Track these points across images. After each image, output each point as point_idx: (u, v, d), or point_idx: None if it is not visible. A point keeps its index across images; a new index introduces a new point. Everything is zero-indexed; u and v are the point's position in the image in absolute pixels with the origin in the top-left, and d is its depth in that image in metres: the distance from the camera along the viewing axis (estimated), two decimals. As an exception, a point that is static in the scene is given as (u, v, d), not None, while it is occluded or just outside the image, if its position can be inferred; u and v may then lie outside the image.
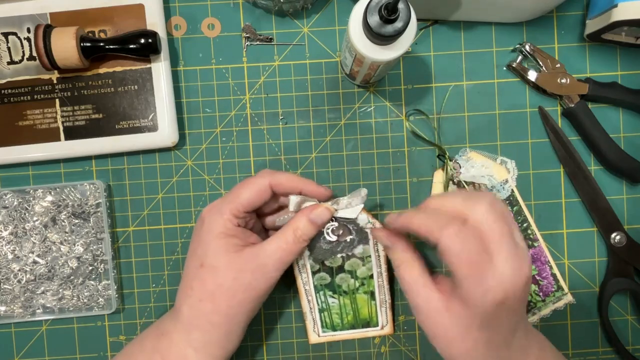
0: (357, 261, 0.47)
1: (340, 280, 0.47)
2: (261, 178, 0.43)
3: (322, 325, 0.49)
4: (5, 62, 0.48)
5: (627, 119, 0.51)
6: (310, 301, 0.48)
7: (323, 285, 0.48)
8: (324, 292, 0.48)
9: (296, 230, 0.42)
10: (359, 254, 0.47)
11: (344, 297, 0.48)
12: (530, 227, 0.50)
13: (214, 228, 0.42)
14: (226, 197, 0.43)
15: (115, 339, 0.51)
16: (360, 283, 0.48)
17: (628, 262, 0.50)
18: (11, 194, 0.50)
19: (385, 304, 0.48)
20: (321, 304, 0.48)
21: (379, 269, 0.47)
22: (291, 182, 0.43)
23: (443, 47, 0.51)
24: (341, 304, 0.48)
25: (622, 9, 0.43)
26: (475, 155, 0.50)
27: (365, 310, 0.48)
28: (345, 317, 0.49)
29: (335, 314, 0.48)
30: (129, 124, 0.49)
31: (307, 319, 0.49)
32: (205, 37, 0.50)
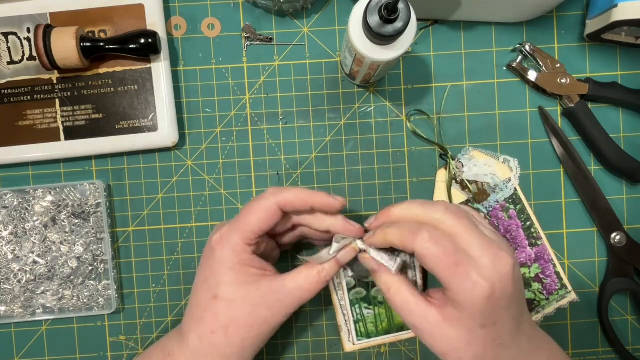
0: None
1: (376, 292, 0.48)
2: (267, 200, 0.40)
3: (357, 334, 0.49)
4: (5, 62, 0.48)
5: (627, 119, 0.51)
6: (346, 315, 0.48)
7: (359, 299, 0.48)
8: (359, 305, 0.48)
9: (321, 272, 0.41)
10: None
11: (379, 307, 0.48)
12: (533, 226, 0.50)
13: (227, 259, 0.40)
14: (235, 225, 0.40)
15: (115, 339, 0.51)
16: None
17: (628, 262, 0.50)
18: (11, 194, 0.50)
19: None
20: (357, 316, 0.49)
21: (415, 278, 0.46)
22: (299, 199, 0.40)
23: (443, 47, 0.51)
24: (376, 313, 0.49)
25: (622, 9, 0.43)
26: (478, 154, 0.50)
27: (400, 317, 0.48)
28: (380, 324, 0.49)
29: (370, 323, 0.49)
30: (129, 124, 0.49)
31: (342, 331, 0.49)
32: (205, 37, 0.50)
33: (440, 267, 0.36)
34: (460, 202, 0.50)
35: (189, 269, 0.51)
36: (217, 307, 0.40)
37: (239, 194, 0.51)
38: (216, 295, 0.40)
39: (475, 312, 0.36)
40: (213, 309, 0.40)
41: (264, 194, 0.41)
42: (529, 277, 0.50)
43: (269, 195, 0.40)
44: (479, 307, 0.36)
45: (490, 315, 0.37)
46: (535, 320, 0.50)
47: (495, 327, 0.37)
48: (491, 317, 0.37)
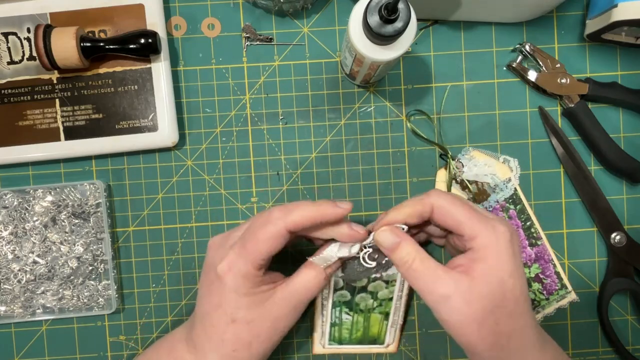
0: (382, 284, 0.46)
1: (360, 299, 0.47)
2: (275, 226, 0.39)
3: (330, 338, 0.49)
4: (5, 62, 0.48)
5: (627, 119, 0.51)
6: (325, 315, 0.48)
7: (342, 302, 0.47)
8: (340, 309, 0.48)
9: (327, 268, 0.41)
10: (386, 278, 0.46)
11: (359, 315, 0.48)
12: (533, 226, 0.50)
13: (240, 288, 0.39)
14: (242, 251, 0.39)
15: (115, 339, 0.51)
16: (378, 304, 0.47)
17: (628, 262, 0.50)
18: (11, 194, 0.50)
19: (396, 325, 0.49)
20: (334, 319, 0.48)
21: (401, 293, 0.47)
22: (307, 219, 0.39)
23: (443, 47, 0.51)
24: (354, 321, 0.48)
25: (622, 9, 0.43)
26: (478, 154, 0.50)
27: (376, 329, 0.49)
28: (354, 333, 0.49)
29: (345, 329, 0.49)
30: (129, 124, 0.49)
31: (316, 332, 0.49)
32: (205, 37, 0.50)
33: (462, 212, 0.38)
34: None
35: (189, 269, 0.51)
36: (238, 329, 0.40)
37: (239, 194, 0.51)
38: (235, 320, 0.40)
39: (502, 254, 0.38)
40: (234, 331, 0.40)
41: (271, 217, 0.39)
42: (529, 277, 0.50)
43: (277, 221, 0.39)
44: (505, 249, 0.38)
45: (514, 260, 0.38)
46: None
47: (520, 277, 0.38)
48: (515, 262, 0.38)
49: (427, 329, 0.51)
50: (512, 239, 0.38)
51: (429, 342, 0.51)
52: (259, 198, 0.51)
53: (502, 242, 0.38)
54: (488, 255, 0.38)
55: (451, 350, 0.51)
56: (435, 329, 0.51)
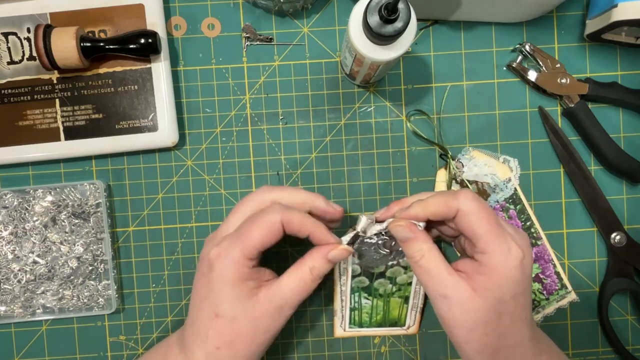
0: (400, 269, 0.47)
1: (379, 285, 0.48)
2: (272, 215, 0.39)
3: (350, 321, 0.49)
4: (5, 62, 0.48)
5: (627, 119, 0.51)
6: (344, 300, 0.48)
7: (360, 288, 0.48)
8: (359, 294, 0.48)
9: (313, 270, 0.40)
10: (404, 263, 0.46)
11: (379, 300, 0.48)
12: (533, 226, 0.50)
13: (227, 275, 0.39)
14: (235, 239, 0.39)
15: (115, 339, 0.51)
16: (397, 288, 0.48)
17: (628, 262, 0.50)
18: (11, 194, 0.50)
19: (417, 308, 0.49)
20: (354, 304, 0.49)
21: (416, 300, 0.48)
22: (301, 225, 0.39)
23: (443, 47, 0.51)
24: (374, 304, 0.49)
25: (622, 9, 0.43)
26: (478, 154, 0.50)
27: (396, 312, 0.49)
28: (375, 316, 0.49)
29: (365, 313, 0.49)
30: (129, 124, 0.49)
31: (337, 316, 0.49)
32: (205, 37, 0.50)
33: (483, 224, 0.38)
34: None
35: (189, 269, 0.51)
36: (219, 325, 0.40)
37: (239, 194, 0.51)
38: (218, 314, 0.40)
39: (507, 277, 0.37)
40: (216, 327, 0.40)
41: (272, 207, 0.39)
42: (529, 277, 0.50)
43: (276, 212, 0.39)
44: (512, 272, 0.37)
45: (520, 283, 0.38)
46: (536, 320, 0.50)
47: (523, 298, 0.38)
48: (521, 285, 0.38)
49: (427, 329, 0.51)
50: (524, 261, 0.38)
51: (429, 342, 0.51)
52: (259, 198, 0.51)
53: (512, 264, 0.37)
54: (493, 274, 0.38)
55: (451, 350, 0.51)
56: (436, 329, 0.51)
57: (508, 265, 0.37)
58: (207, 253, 0.41)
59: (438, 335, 0.51)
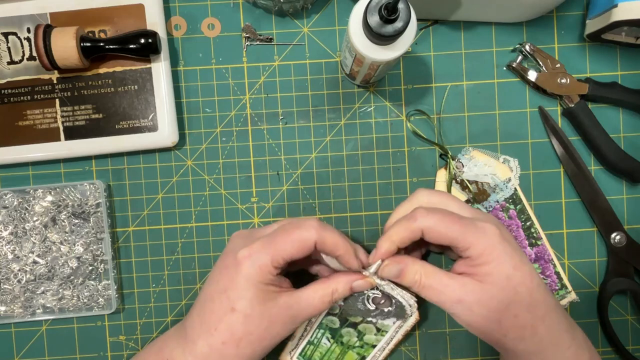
0: (372, 328, 0.47)
1: (346, 333, 0.47)
2: (308, 232, 0.39)
3: (301, 353, 0.49)
4: (5, 62, 0.48)
5: (627, 119, 0.51)
6: (307, 331, 0.48)
7: (328, 327, 0.48)
8: (324, 333, 0.48)
9: (334, 293, 0.41)
10: (380, 326, 0.47)
11: (337, 346, 0.48)
12: (533, 226, 0.50)
13: (253, 276, 0.39)
14: (268, 245, 0.40)
15: (115, 339, 0.51)
16: (360, 345, 0.48)
17: (628, 262, 0.50)
18: (11, 194, 0.50)
19: None
20: (314, 338, 0.48)
21: (386, 345, 0.48)
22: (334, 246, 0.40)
23: (443, 47, 0.51)
24: (330, 348, 0.48)
25: (622, 9, 0.43)
26: (478, 154, 0.50)
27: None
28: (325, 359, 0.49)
29: (319, 352, 0.49)
30: (129, 124, 0.49)
31: (292, 340, 0.49)
32: (205, 37, 0.50)
33: (450, 228, 0.39)
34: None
35: (189, 269, 0.51)
36: (233, 320, 0.40)
37: (239, 194, 0.51)
38: (234, 309, 0.40)
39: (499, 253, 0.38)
40: (229, 321, 0.40)
41: (308, 223, 0.40)
42: (529, 277, 0.50)
43: (312, 229, 0.39)
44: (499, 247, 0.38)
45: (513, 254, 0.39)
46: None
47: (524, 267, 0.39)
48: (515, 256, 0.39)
49: (427, 329, 0.51)
50: (502, 234, 0.39)
51: (429, 342, 0.51)
52: (259, 198, 0.51)
53: (496, 241, 0.39)
54: (488, 258, 0.38)
55: (451, 350, 0.51)
56: (435, 329, 0.51)
57: (493, 243, 0.38)
58: (235, 249, 0.41)
59: (438, 335, 0.51)
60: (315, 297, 0.41)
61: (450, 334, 0.51)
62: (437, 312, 0.51)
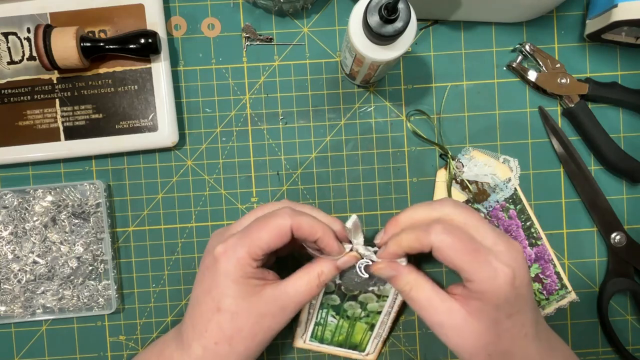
0: (372, 296, 0.46)
1: (348, 307, 0.47)
2: (282, 219, 0.39)
3: (312, 335, 0.49)
4: (5, 62, 0.48)
5: (627, 119, 0.51)
6: (311, 313, 0.48)
7: (330, 306, 0.47)
8: (327, 311, 0.48)
9: (321, 275, 0.41)
10: (378, 292, 0.46)
11: (345, 321, 0.48)
12: (533, 226, 0.50)
13: (232, 272, 0.39)
14: (243, 238, 0.39)
15: (115, 339, 0.51)
16: (366, 314, 0.48)
17: (628, 262, 0.50)
18: (11, 194, 0.50)
19: (380, 337, 0.49)
20: (320, 319, 0.48)
21: (390, 309, 0.47)
22: (310, 230, 0.39)
23: (443, 47, 0.51)
24: (339, 325, 0.48)
25: (622, 9, 0.43)
26: (478, 154, 0.50)
27: (359, 337, 0.49)
28: (337, 336, 0.49)
29: (329, 330, 0.48)
30: (129, 124, 0.49)
31: (300, 326, 0.49)
32: (205, 37, 0.50)
33: (460, 256, 0.37)
34: (460, 202, 0.50)
35: (189, 269, 0.51)
36: (221, 319, 0.39)
37: (239, 194, 0.51)
38: (220, 308, 0.39)
39: (501, 300, 0.37)
40: (217, 321, 0.40)
41: (280, 210, 0.39)
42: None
43: (285, 215, 0.39)
44: (504, 295, 0.36)
45: (515, 303, 0.37)
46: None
47: (520, 316, 0.37)
48: (516, 305, 0.37)
49: (427, 329, 0.51)
50: (516, 281, 0.37)
51: (429, 342, 0.51)
52: (259, 198, 0.51)
53: (503, 287, 0.36)
54: (485, 298, 0.37)
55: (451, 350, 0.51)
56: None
57: (498, 289, 0.36)
58: (212, 248, 0.41)
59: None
60: (301, 283, 0.40)
61: (450, 334, 0.51)
62: (437, 312, 0.51)
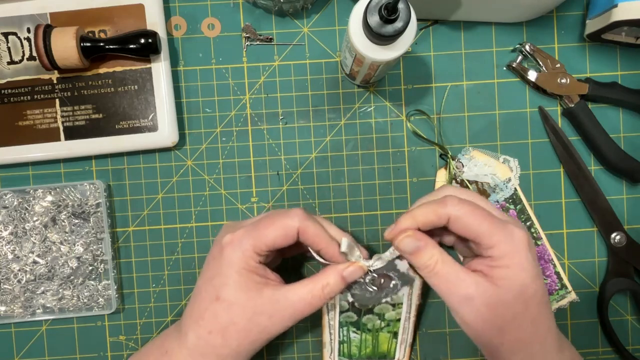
0: (388, 306, 0.46)
1: (367, 320, 0.47)
2: (291, 220, 0.39)
3: (340, 353, 0.49)
4: (5, 62, 0.48)
5: (627, 119, 0.51)
6: (332, 334, 0.48)
7: (348, 323, 0.47)
8: (347, 328, 0.47)
9: (325, 287, 0.40)
10: (391, 301, 0.46)
11: (367, 334, 0.48)
12: (533, 226, 0.50)
13: (235, 262, 0.39)
14: (251, 231, 0.40)
15: (115, 339, 0.51)
16: (386, 324, 0.47)
17: (628, 262, 0.50)
18: (11, 194, 0.50)
19: (405, 342, 0.48)
20: (342, 337, 0.48)
21: (408, 314, 0.47)
22: (315, 237, 0.40)
23: (443, 47, 0.51)
24: (362, 339, 0.48)
25: (622, 9, 0.43)
26: (478, 154, 0.50)
27: (385, 347, 0.49)
28: (364, 349, 0.49)
29: (354, 346, 0.48)
30: (129, 124, 0.49)
31: (325, 348, 0.49)
32: (205, 37, 0.50)
33: (479, 223, 0.37)
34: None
35: (189, 269, 0.51)
36: (217, 308, 0.40)
37: (239, 194, 0.51)
38: (218, 297, 0.40)
39: (523, 260, 0.37)
40: (214, 309, 0.40)
41: (291, 212, 0.40)
42: (529, 277, 0.50)
43: (295, 217, 0.39)
44: (525, 255, 0.37)
45: (535, 264, 0.38)
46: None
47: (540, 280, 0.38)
48: (536, 266, 0.38)
49: (427, 329, 0.51)
50: (530, 242, 0.38)
51: (429, 342, 0.51)
52: (259, 198, 0.51)
53: (522, 248, 0.37)
54: (509, 262, 0.37)
55: (451, 350, 0.51)
56: (435, 329, 0.51)
57: (519, 249, 0.37)
58: (221, 238, 0.41)
59: (438, 335, 0.51)
60: (304, 292, 0.40)
61: (450, 334, 0.51)
62: (437, 312, 0.51)
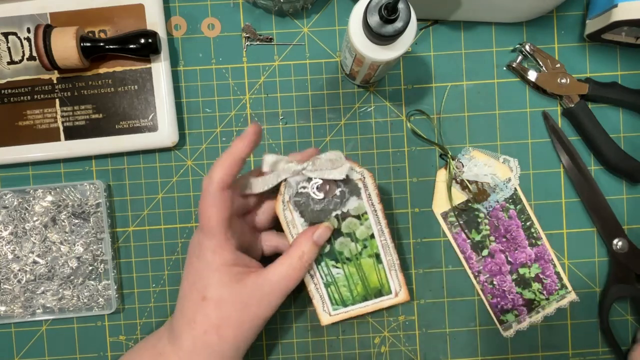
0: (354, 220, 0.43)
1: (340, 246, 0.43)
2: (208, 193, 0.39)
3: (332, 301, 0.45)
4: (5, 62, 0.48)
5: (627, 119, 0.51)
6: (314, 276, 0.44)
7: (323, 255, 0.44)
8: (325, 263, 0.44)
9: (302, 256, 0.41)
10: (354, 212, 0.43)
11: (348, 265, 0.44)
12: (533, 226, 0.50)
13: (210, 262, 0.40)
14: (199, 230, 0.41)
15: (115, 339, 0.51)
16: (362, 246, 0.44)
17: (630, 269, 0.49)
18: (11, 194, 0.50)
19: (394, 266, 0.44)
20: (325, 277, 0.44)
21: (379, 226, 0.43)
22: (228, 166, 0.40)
23: (443, 47, 0.51)
24: (347, 273, 0.44)
25: (622, 9, 0.43)
26: (478, 154, 0.50)
27: (374, 277, 0.44)
28: (354, 288, 0.45)
29: (342, 286, 0.44)
30: (129, 124, 0.49)
31: (315, 298, 0.45)
32: (205, 37, 0.50)
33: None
34: (460, 202, 0.50)
35: (189, 269, 0.51)
36: (206, 308, 0.40)
37: (239, 194, 0.51)
38: (205, 297, 0.40)
39: None
40: (203, 311, 0.40)
41: (203, 190, 0.40)
42: (529, 277, 0.50)
43: (207, 187, 0.39)
44: None
45: None
46: (535, 320, 0.50)
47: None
48: None
49: (427, 329, 0.51)
50: None
51: (429, 342, 0.51)
52: (259, 198, 0.51)
53: None
54: None
55: (451, 350, 0.51)
56: (436, 329, 0.51)
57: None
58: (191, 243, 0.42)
59: (438, 335, 0.51)
60: (283, 269, 0.41)
61: (450, 334, 0.51)
62: (437, 312, 0.51)
